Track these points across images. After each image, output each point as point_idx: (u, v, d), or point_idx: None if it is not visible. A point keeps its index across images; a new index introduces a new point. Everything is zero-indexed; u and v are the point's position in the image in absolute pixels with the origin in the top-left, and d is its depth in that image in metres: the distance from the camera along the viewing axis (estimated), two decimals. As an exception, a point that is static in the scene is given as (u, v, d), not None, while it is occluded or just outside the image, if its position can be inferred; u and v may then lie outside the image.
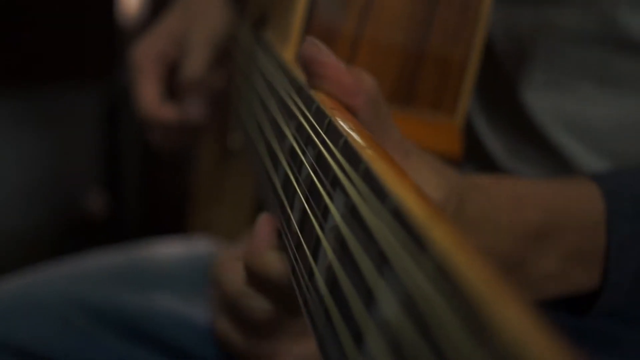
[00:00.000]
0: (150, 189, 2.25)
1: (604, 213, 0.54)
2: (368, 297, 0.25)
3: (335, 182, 0.31)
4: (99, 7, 2.11)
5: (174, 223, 1.11)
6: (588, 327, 0.65)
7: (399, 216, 0.24)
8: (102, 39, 2.11)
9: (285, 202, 0.39)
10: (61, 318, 0.76)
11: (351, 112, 0.39)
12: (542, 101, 0.67)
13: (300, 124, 0.40)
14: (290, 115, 0.43)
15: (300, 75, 0.44)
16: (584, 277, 0.56)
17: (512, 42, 0.69)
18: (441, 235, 0.22)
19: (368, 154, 0.30)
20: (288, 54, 0.58)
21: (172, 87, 0.82)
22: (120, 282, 0.80)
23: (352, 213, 0.28)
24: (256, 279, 0.43)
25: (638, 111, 0.64)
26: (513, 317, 0.19)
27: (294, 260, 0.36)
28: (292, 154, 0.40)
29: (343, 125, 0.34)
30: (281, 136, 0.44)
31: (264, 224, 0.44)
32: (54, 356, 0.75)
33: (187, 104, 0.78)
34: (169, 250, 0.87)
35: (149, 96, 0.79)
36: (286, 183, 0.40)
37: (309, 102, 0.40)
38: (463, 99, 0.60)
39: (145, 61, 0.80)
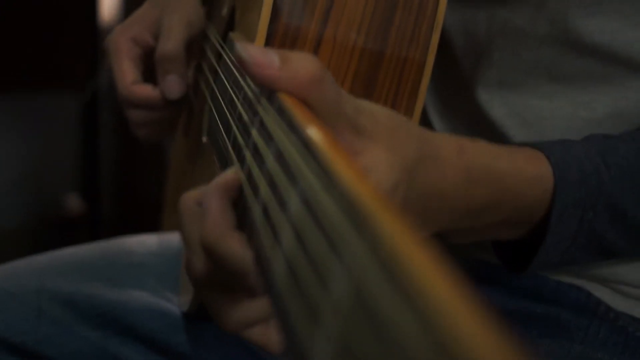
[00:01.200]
0: (126, 189, 2.25)
1: (550, 188, 0.56)
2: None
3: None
4: (79, 11, 2.10)
5: (149, 222, 1.11)
6: (501, 305, 0.68)
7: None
8: (81, 42, 2.10)
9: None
10: (35, 308, 0.77)
11: (302, 102, 0.40)
12: (496, 98, 0.68)
13: (261, 121, 0.41)
14: (253, 113, 0.44)
15: None
16: (512, 235, 0.59)
17: (467, 42, 0.70)
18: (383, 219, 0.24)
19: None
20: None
21: (149, 72, 0.80)
22: (93, 274, 0.80)
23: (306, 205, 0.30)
24: (217, 260, 0.43)
25: (586, 106, 0.65)
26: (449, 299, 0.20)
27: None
28: (255, 150, 0.41)
29: (295, 113, 0.36)
30: (245, 131, 0.45)
31: (218, 196, 0.43)
32: (28, 344, 0.75)
33: (164, 81, 0.75)
34: (142, 243, 0.87)
35: (126, 75, 0.77)
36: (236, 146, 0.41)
37: (271, 99, 0.41)
38: (419, 99, 0.61)
39: (121, 43, 0.78)
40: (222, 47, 0.73)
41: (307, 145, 0.32)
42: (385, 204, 0.25)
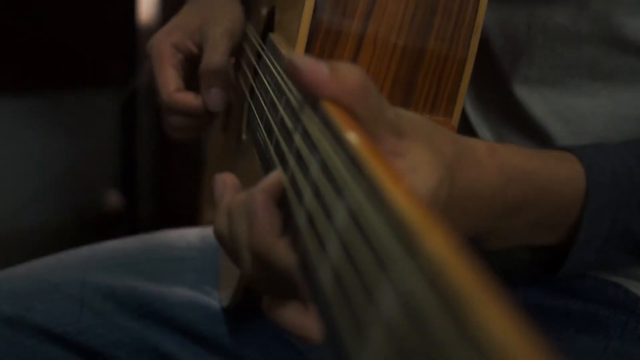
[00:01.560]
0: (164, 185, 2.27)
1: (583, 188, 0.57)
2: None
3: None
4: (118, 11, 2.11)
5: (187, 218, 1.12)
6: (540, 303, 0.68)
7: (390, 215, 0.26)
8: (120, 42, 2.12)
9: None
10: (78, 300, 0.78)
11: (347, 109, 0.41)
12: (536, 95, 0.68)
13: (305, 128, 0.41)
14: (296, 119, 0.44)
15: None
16: (550, 237, 0.59)
17: (506, 39, 0.70)
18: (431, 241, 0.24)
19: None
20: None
21: (189, 79, 0.80)
22: (134, 267, 0.81)
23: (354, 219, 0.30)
24: (265, 266, 0.44)
25: (628, 104, 0.65)
26: (493, 315, 0.21)
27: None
28: (298, 156, 0.41)
29: (340, 123, 0.36)
30: (288, 136, 0.45)
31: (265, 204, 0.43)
32: (70, 335, 0.76)
33: (208, 93, 0.76)
34: (182, 237, 0.88)
35: (168, 81, 0.77)
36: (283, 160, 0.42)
37: (315, 107, 0.41)
38: (459, 101, 0.61)
39: (163, 50, 0.78)
40: (261, 48, 0.73)
41: (353, 159, 0.33)
42: (432, 220, 0.26)
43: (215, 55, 0.75)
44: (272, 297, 0.45)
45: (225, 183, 0.49)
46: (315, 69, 0.41)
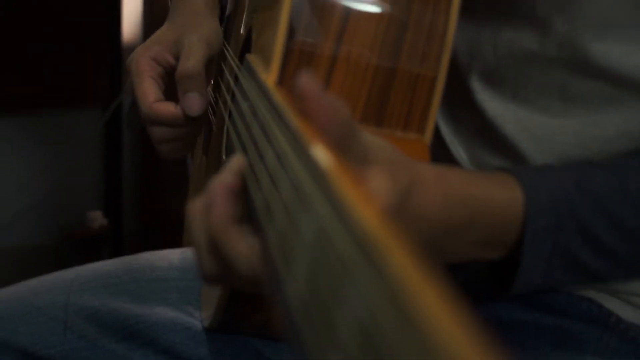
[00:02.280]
0: (147, 205, 2.26)
1: (521, 211, 0.58)
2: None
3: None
4: (101, 31, 2.12)
5: (171, 238, 1.11)
6: (514, 318, 0.68)
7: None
8: (104, 62, 2.12)
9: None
10: (62, 322, 0.78)
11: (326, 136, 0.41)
12: (509, 114, 0.69)
13: (277, 150, 0.42)
14: (268, 139, 0.44)
15: (280, 101, 0.46)
16: (494, 254, 0.60)
17: (475, 58, 0.70)
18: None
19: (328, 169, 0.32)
20: (270, 78, 0.59)
21: (170, 92, 0.80)
22: (118, 289, 0.81)
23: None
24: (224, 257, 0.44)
25: (596, 125, 0.65)
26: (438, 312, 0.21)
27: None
28: (270, 175, 0.41)
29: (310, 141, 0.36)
30: (261, 156, 0.45)
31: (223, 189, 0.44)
32: (54, 357, 0.76)
33: (185, 98, 0.76)
34: (165, 258, 0.87)
35: (148, 93, 0.77)
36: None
37: (287, 126, 0.41)
38: (431, 118, 0.61)
39: (142, 63, 0.78)
40: (238, 69, 0.73)
41: (319, 173, 0.33)
42: (396, 235, 0.26)
43: (190, 61, 0.75)
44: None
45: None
46: (323, 98, 0.42)
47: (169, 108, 0.77)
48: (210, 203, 0.44)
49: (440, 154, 0.74)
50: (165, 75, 0.80)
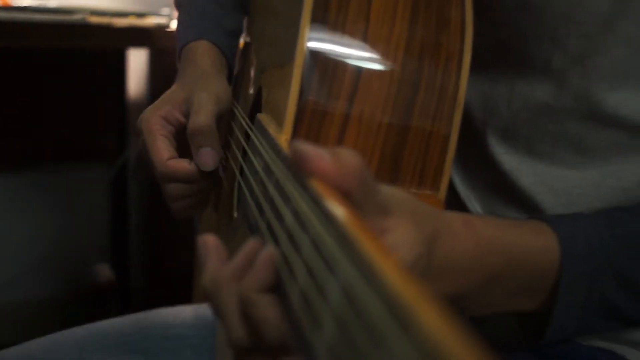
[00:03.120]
0: (155, 260, 2.26)
1: (558, 258, 0.58)
2: None
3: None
4: (108, 88, 2.14)
5: (180, 293, 1.10)
6: None
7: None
8: (110, 118, 2.13)
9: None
10: None
11: (342, 192, 0.41)
12: (525, 167, 0.69)
13: (296, 211, 0.42)
14: (285, 199, 0.44)
15: None
16: (529, 304, 0.60)
17: (489, 113, 0.71)
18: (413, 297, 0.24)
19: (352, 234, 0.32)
20: (283, 137, 0.59)
21: (182, 150, 0.80)
22: (130, 346, 0.80)
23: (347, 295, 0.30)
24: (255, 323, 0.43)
25: (613, 175, 0.66)
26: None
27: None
28: (290, 235, 0.41)
29: (332, 206, 0.36)
30: (279, 216, 0.45)
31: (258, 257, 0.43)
32: None
33: (198, 154, 0.76)
34: (177, 315, 0.87)
35: (161, 152, 0.77)
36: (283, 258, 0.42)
37: (304, 186, 0.41)
38: (445, 174, 0.61)
39: (153, 123, 0.79)
40: (250, 128, 0.74)
41: (344, 237, 0.33)
42: (425, 294, 0.26)
43: (200, 116, 0.76)
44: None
45: (207, 245, 0.48)
46: (319, 156, 0.41)
47: (183, 164, 0.77)
48: (244, 268, 0.43)
49: (455, 208, 0.74)
50: (176, 134, 0.80)
